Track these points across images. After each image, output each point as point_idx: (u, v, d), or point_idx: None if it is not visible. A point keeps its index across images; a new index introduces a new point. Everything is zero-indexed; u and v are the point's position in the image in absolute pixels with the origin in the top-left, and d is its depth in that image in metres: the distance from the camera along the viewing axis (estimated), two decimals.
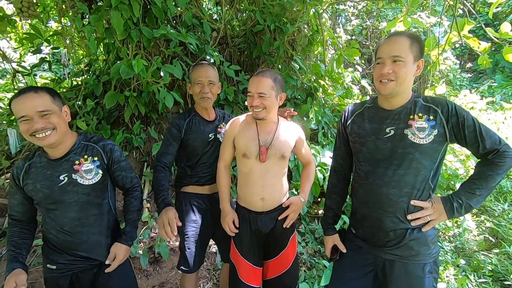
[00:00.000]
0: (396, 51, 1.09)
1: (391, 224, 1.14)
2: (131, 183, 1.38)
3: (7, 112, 3.84)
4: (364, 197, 1.21)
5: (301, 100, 3.73)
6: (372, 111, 1.23)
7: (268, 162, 1.42)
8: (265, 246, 1.54)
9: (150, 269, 2.32)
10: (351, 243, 1.32)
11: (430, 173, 1.12)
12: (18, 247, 1.21)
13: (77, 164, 1.21)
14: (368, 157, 1.19)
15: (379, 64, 1.13)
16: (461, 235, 2.55)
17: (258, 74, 1.40)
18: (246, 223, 1.50)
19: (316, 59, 4.25)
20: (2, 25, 2.92)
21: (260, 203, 1.46)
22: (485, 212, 2.93)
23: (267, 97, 1.36)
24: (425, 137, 1.08)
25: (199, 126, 1.68)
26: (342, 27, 5.37)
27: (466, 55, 9.18)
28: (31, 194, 1.19)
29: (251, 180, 1.45)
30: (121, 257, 1.29)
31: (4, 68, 5.27)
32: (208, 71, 1.66)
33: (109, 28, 2.51)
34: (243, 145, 1.43)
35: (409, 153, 1.10)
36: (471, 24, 2.74)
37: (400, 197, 1.12)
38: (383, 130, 1.15)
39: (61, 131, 1.15)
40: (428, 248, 1.15)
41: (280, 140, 1.44)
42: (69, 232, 1.21)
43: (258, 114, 1.39)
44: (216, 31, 3.50)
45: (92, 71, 3.47)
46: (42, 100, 1.11)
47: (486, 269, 2.20)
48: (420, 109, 1.12)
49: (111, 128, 3.08)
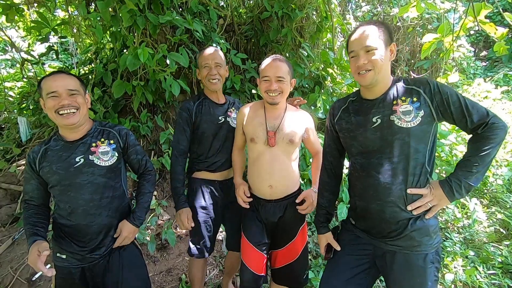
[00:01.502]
0: (367, 41, 1.09)
1: (393, 214, 1.12)
2: (145, 166, 1.43)
3: (17, 101, 3.90)
4: (361, 190, 1.20)
5: (308, 89, 3.66)
6: (356, 103, 1.23)
7: (277, 147, 1.42)
8: (274, 235, 1.53)
9: (157, 255, 2.36)
10: (350, 232, 1.31)
11: (425, 157, 1.10)
12: (36, 224, 1.23)
13: (94, 146, 1.26)
14: (360, 150, 1.18)
15: (354, 58, 1.14)
16: (470, 226, 2.51)
17: (274, 58, 1.41)
18: (254, 210, 1.49)
19: (325, 47, 4.15)
20: (10, 14, 2.92)
21: (268, 191, 1.45)
22: (497, 204, 2.87)
23: (285, 81, 1.38)
24: (412, 120, 1.07)
25: (209, 109, 1.67)
26: (352, 13, 5.22)
27: (481, 43, 8.85)
28: (47, 177, 1.22)
29: (259, 165, 1.45)
30: (125, 234, 1.30)
31: (13, 57, 5.33)
32: (214, 53, 1.66)
33: (115, 16, 2.49)
34: (251, 130, 1.45)
35: (398, 139, 1.08)
36: (488, 8, 2.61)
37: (398, 185, 1.10)
38: (369, 120, 1.14)
39: (83, 113, 1.23)
40: (430, 238, 1.13)
41: (288, 125, 1.43)
42: (82, 214, 1.23)
43: (274, 99, 1.39)
44: (223, 18, 3.44)
45: (99, 59, 3.47)
46: (73, 80, 1.22)
47: (496, 261, 2.16)
48: (402, 93, 1.11)
49: (118, 116, 3.10)
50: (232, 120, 1.70)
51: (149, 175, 1.44)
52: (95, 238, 1.26)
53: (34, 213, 1.27)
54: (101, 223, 1.26)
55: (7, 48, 4.50)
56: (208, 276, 2.20)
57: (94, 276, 1.29)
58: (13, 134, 3.43)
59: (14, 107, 3.80)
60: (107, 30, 3.01)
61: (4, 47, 4.62)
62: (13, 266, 2.22)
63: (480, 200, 2.89)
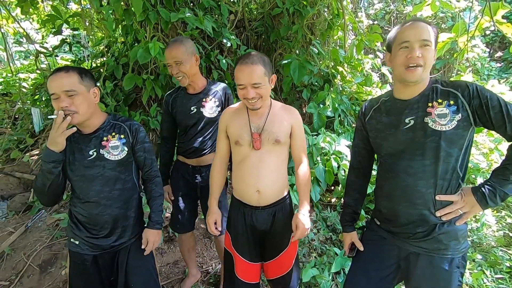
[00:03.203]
0: (425, 34, 1.03)
1: (421, 217, 1.10)
2: (150, 166, 1.42)
3: (31, 92, 3.98)
4: (389, 191, 1.17)
5: (318, 87, 3.64)
6: (389, 104, 1.19)
7: (263, 149, 1.31)
8: (264, 245, 1.43)
9: (165, 247, 2.40)
10: (374, 233, 1.28)
11: (458, 161, 1.06)
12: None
13: (105, 141, 1.28)
14: (390, 151, 1.15)
15: (406, 48, 1.05)
16: (479, 230, 2.48)
17: (246, 62, 1.23)
18: (241, 217, 1.39)
19: (336, 45, 4.11)
20: (25, 6, 2.98)
21: (255, 196, 1.33)
22: (507, 208, 2.82)
23: (262, 86, 1.23)
24: (447, 123, 1.03)
25: (182, 100, 1.77)
26: (364, 11, 5.14)
27: (496, 43, 8.63)
28: (65, 165, 1.26)
29: (245, 169, 1.33)
30: (152, 240, 1.37)
31: (28, 49, 5.42)
32: (171, 51, 1.63)
33: (128, 10, 2.51)
34: (235, 133, 1.35)
35: (432, 141, 1.05)
36: (506, 8, 2.55)
37: (428, 188, 1.07)
38: (402, 121, 1.11)
39: (83, 114, 1.20)
40: (458, 242, 1.10)
41: (273, 123, 1.32)
42: (94, 204, 1.27)
43: (255, 105, 1.26)
44: (234, 14, 3.43)
45: (111, 53, 3.51)
46: (70, 79, 1.17)
47: (504, 265, 2.14)
48: (439, 95, 1.07)
49: (128, 110, 3.14)
50: (207, 110, 1.74)
51: (155, 177, 1.44)
52: (106, 227, 1.30)
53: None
54: (111, 213, 1.29)
55: (22, 40, 4.59)
56: (214, 270, 2.24)
57: (106, 264, 1.34)
58: (26, 124, 3.51)
59: (27, 98, 3.89)
60: (119, 24, 3.04)
61: (19, 39, 4.71)
62: (26, 252, 2.30)
63: None
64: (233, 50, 3.35)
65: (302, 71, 3.06)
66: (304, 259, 2.27)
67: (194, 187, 1.84)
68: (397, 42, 1.08)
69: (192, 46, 1.69)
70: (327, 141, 2.83)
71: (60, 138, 1.15)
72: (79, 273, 1.32)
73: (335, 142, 2.84)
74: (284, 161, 1.38)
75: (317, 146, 2.82)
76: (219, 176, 1.47)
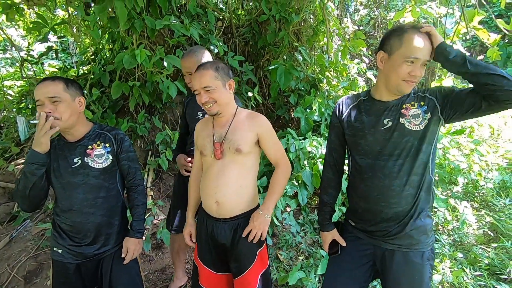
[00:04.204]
0: (429, 54, 1.08)
1: (396, 215, 1.16)
2: (133, 175, 1.43)
3: (16, 100, 3.93)
4: (365, 192, 1.21)
5: (305, 92, 3.71)
6: (368, 104, 1.23)
7: (224, 159, 1.28)
8: (228, 261, 1.35)
9: (152, 254, 2.40)
10: (349, 234, 1.33)
11: (429, 157, 1.14)
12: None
13: (90, 149, 1.31)
14: (367, 150, 1.19)
15: (411, 64, 1.07)
16: (460, 229, 2.56)
17: (198, 69, 1.29)
18: (204, 228, 1.36)
19: (321, 50, 4.20)
20: (10, 13, 2.96)
21: (214, 207, 1.29)
22: (486, 207, 2.92)
23: (213, 90, 1.24)
24: (421, 123, 1.11)
25: (192, 104, 1.85)
26: (350, 17, 5.27)
27: (477, 47, 8.92)
28: (49, 172, 1.28)
29: (206, 179, 1.32)
30: (132, 248, 1.38)
31: (13, 56, 5.34)
32: (193, 61, 1.69)
33: (114, 18, 2.53)
34: (200, 144, 1.36)
35: (407, 141, 1.12)
36: (481, 15, 2.66)
37: (402, 187, 1.13)
38: (381, 122, 1.16)
39: (65, 120, 1.22)
40: (427, 236, 1.18)
41: (235, 131, 1.29)
42: (78, 212, 1.28)
43: (211, 110, 1.27)
44: (221, 20, 3.48)
45: (98, 60, 3.51)
46: (55, 87, 1.21)
47: (483, 263, 2.21)
48: (411, 98, 1.16)
49: (116, 117, 3.14)
50: None
51: (139, 186, 1.45)
52: (89, 235, 1.31)
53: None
54: (95, 221, 1.30)
55: (7, 47, 4.53)
56: None
57: (89, 272, 1.35)
58: (11, 133, 3.46)
59: (13, 106, 3.83)
60: (105, 31, 3.05)
61: (4, 46, 4.64)
62: (10, 263, 2.26)
63: (471, 203, 2.94)
64: (220, 56, 3.39)
65: (288, 76, 3.12)
66: (291, 262, 2.30)
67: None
68: (403, 54, 1.07)
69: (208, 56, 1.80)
70: (314, 145, 2.88)
71: (43, 138, 1.17)
72: (62, 282, 1.33)
73: (322, 146, 2.90)
74: (250, 172, 1.32)
75: (304, 150, 2.87)
76: (196, 188, 1.45)
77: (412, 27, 1.09)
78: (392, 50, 1.10)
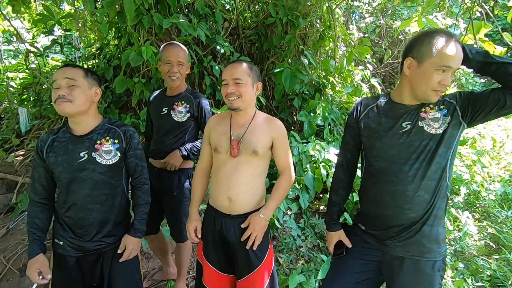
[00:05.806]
0: (460, 62, 1.06)
1: (407, 220, 1.12)
2: (140, 173, 1.41)
3: (18, 92, 3.91)
4: (377, 196, 1.18)
5: (309, 95, 3.71)
6: (387, 106, 1.20)
7: (240, 158, 1.29)
8: (235, 261, 1.34)
9: (151, 252, 2.37)
10: (358, 238, 1.29)
11: (448, 161, 1.10)
12: (38, 228, 1.27)
13: (98, 144, 1.27)
14: (382, 153, 1.16)
15: (442, 72, 1.03)
16: (461, 239, 2.55)
17: (233, 62, 1.33)
18: (211, 224, 1.36)
19: (327, 55, 4.21)
20: (16, 5, 2.95)
21: (226, 203, 1.31)
22: (488, 218, 2.91)
23: (242, 84, 1.26)
24: (440, 126, 1.09)
25: (157, 101, 1.83)
26: (355, 24, 5.30)
27: None
28: (53, 167, 1.24)
29: (219, 176, 1.33)
30: (130, 247, 1.34)
31: (18, 48, 5.33)
32: (178, 51, 1.70)
33: (121, 12, 2.52)
34: (215, 140, 1.35)
35: (426, 145, 1.09)
36: (488, 27, 2.68)
37: (417, 192, 1.10)
38: (399, 125, 1.14)
39: (78, 105, 1.20)
40: (439, 246, 1.14)
41: (253, 134, 1.31)
42: (81, 207, 1.25)
43: (233, 104, 1.27)
44: (228, 21, 3.48)
45: (103, 55, 3.50)
46: (74, 71, 1.22)
47: (485, 274, 2.20)
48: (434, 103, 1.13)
49: (119, 112, 3.12)
50: (176, 114, 1.75)
51: (144, 185, 1.42)
52: (91, 230, 1.28)
53: (38, 210, 1.28)
54: (97, 217, 1.28)
55: (12, 39, 4.52)
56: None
57: (88, 267, 1.32)
58: (12, 124, 3.44)
59: (15, 98, 3.81)
60: (113, 26, 3.04)
61: (8, 38, 4.63)
62: (6, 255, 2.22)
63: (472, 214, 2.92)
64: (226, 57, 3.39)
65: (294, 79, 3.12)
66: (291, 266, 2.27)
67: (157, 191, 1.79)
68: (435, 62, 1.03)
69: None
70: (317, 149, 2.87)
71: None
72: (61, 275, 1.30)
73: (325, 150, 2.89)
74: (261, 175, 1.35)
75: (306, 154, 2.85)
76: (201, 183, 1.45)
77: (444, 32, 1.04)
78: (424, 58, 1.05)
